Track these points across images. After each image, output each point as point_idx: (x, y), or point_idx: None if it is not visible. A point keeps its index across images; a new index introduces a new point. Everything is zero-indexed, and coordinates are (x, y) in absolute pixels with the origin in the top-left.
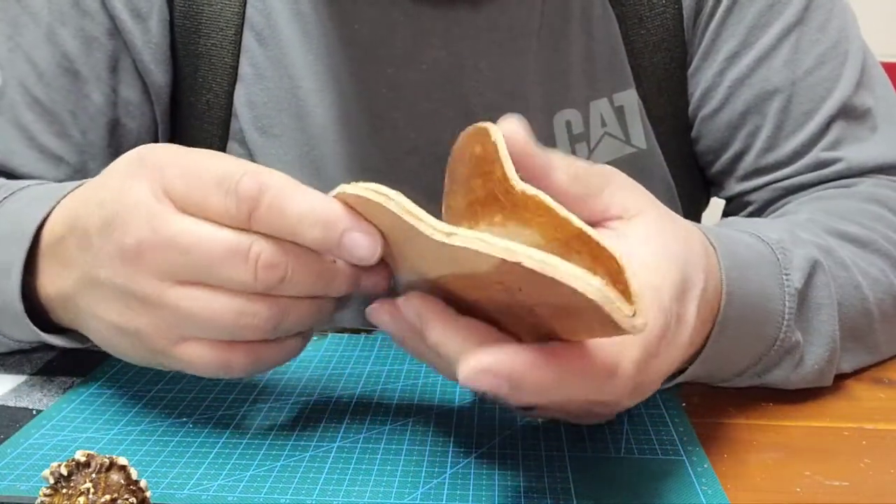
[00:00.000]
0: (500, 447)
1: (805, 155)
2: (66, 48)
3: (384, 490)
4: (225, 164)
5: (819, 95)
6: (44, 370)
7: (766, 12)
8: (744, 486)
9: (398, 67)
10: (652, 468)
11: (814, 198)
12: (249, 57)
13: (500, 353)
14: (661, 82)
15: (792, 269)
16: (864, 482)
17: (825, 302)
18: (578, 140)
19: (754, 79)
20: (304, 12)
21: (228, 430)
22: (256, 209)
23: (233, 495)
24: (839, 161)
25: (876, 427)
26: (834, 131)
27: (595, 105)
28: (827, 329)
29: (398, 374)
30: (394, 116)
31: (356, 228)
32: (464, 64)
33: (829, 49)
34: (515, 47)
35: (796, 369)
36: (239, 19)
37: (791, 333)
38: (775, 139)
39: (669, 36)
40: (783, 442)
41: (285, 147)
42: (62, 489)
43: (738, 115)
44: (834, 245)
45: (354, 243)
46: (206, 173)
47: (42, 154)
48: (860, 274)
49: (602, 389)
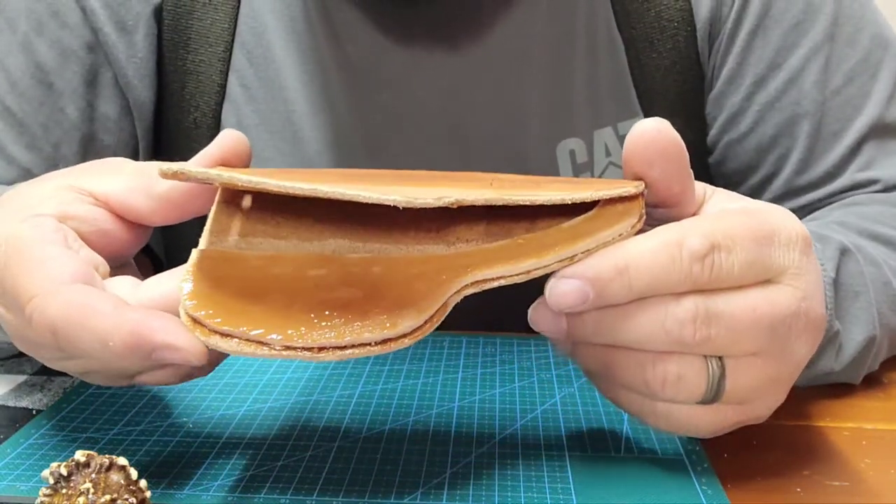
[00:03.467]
0: (500, 447)
1: (839, 176)
2: (41, 59)
3: (384, 490)
4: (27, 289)
5: (847, 115)
6: (44, 370)
7: (793, 32)
8: (744, 486)
9: (392, 94)
10: (652, 468)
11: (845, 203)
12: (239, 77)
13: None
14: (673, 106)
15: (825, 260)
16: (864, 482)
17: (861, 290)
18: (583, 170)
19: (784, 101)
20: (299, 31)
21: (228, 430)
22: (58, 347)
23: (233, 495)
24: (875, 182)
25: (876, 427)
26: (867, 151)
27: (599, 134)
28: (865, 316)
29: (398, 374)
30: (388, 143)
31: (161, 348)
32: (460, 93)
33: (858, 63)
34: (516, 78)
35: (837, 358)
36: (229, 36)
37: (833, 322)
38: (807, 162)
39: (682, 58)
40: (783, 442)
41: None
42: (62, 489)
43: (769, 139)
44: (864, 244)
45: (166, 360)
46: (14, 302)
47: (10, 165)
48: (891, 272)
49: (677, 269)
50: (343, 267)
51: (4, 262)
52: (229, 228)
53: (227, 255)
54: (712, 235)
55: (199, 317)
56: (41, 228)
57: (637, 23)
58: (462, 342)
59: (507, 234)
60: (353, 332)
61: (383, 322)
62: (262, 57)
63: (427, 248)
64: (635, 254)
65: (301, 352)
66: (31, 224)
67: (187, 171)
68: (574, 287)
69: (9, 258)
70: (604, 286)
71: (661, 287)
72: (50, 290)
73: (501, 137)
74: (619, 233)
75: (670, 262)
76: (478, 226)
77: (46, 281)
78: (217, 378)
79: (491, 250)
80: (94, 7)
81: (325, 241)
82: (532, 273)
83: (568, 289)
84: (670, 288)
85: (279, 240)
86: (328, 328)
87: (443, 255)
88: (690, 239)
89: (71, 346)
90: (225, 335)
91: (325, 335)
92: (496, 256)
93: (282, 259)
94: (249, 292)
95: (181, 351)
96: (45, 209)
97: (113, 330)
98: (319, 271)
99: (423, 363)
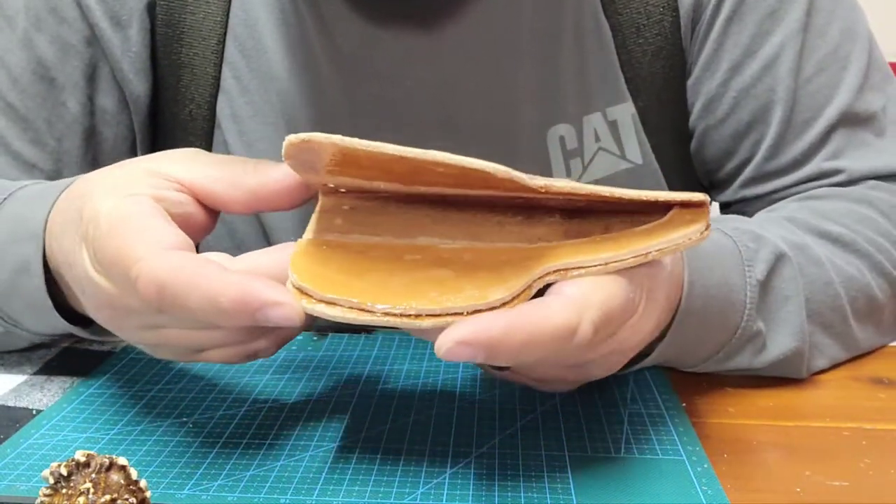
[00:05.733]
0: (500, 447)
1: (806, 164)
2: (42, 55)
3: (384, 490)
4: (131, 254)
5: (818, 103)
6: (44, 370)
7: (767, 20)
8: (744, 486)
9: (382, 84)
10: (652, 468)
11: (804, 196)
12: (233, 69)
13: (474, 324)
14: (660, 92)
15: (756, 262)
16: (864, 482)
17: (791, 294)
18: (573, 156)
19: (759, 88)
20: (289, 23)
21: (228, 430)
22: (160, 307)
23: (233, 495)
24: (840, 172)
25: (876, 427)
26: (836, 140)
27: (588, 120)
28: (794, 320)
29: (398, 374)
30: (380, 133)
31: (269, 305)
32: (449, 82)
33: (828, 55)
34: (504, 64)
35: (758, 356)
36: (221, 29)
37: (753, 322)
38: (777, 148)
39: (668, 44)
40: (783, 442)
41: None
42: (62, 489)
43: (744, 126)
44: (810, 242)
45: (269, 319)
46: (115, 268)
47: (16, 161)
48: (834, 271)
49: (565, 350)
50: (436, 253)
51: (107, 231)
52: (331, 227)
53: (329, 242)
54: (599, 323)
55: (305, 287)
56: (141, 204)
57: (623, 8)
58: None
59: (584, 237)
60: (448, 302)
61: (475, 295)
62: (253, 49)
63: (511, 245)
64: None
65: (401, 318)
66: (132, 200)
67: (313, 138)
68: (467, 352)
69: (112, 228)
70: (494, 356)
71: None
72: (157, 253)
73: (492, 125)
74: (688, 237)
75: (560, 346)
76: (558, 228)
77: (153, 245)
78: (217, 378)
79: (572, 244)
80: (90, 2)
81: (415, 239)
82: (610, 265)
83: (461, 352)
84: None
85: (375, 237)
86: (426, 299)
87: (527, 247)
88: (584, 327)
89: (177, 305)
90: (330, 303)
91: (423, 303)
92: (577, 249)
93: (379, 246)
94: (350, 270)
95: (284, 307)
96: (141, 189)
97: (222, 288)
98: (414, 256)
99: (423, 363)
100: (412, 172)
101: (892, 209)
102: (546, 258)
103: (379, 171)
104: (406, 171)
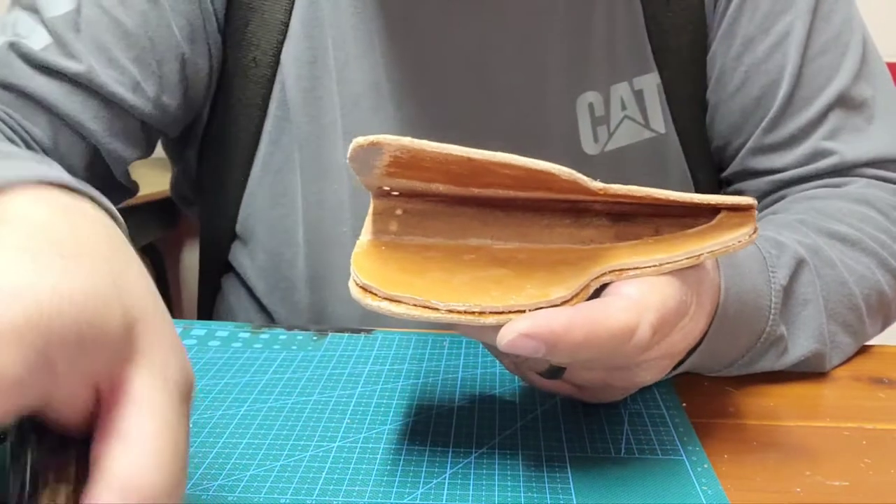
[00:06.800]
0: (500, 447)
1: (804, 140)
2: None
3: (384, 490)
4: None
5: (819, 84)
6: None
7: (781, 0)
8: (744, 486)
9: (424, 43)
10: (652, 468)
11: (807, 197)
12: (300, 15)
13: (537, 318)
14: (685, 65)
15: (778, 267)
16: (864, 482)
17: (811, 297)
18: (599, 123)
19: (770, 64)
20: None
21: (228, 430)
22: None
23: (233, 495)
24: (834, 154)
25: (876, 427)
26: (832, 120)
27: (615, 88)
28: (814, 323)
29: (398, 374)
30: (418, 91)
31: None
32: (488, 44)
33: (830, 39)
34: (539, 29)
35: (780, 359)
36: None
37: (776, 327)
38: (777, 121)
39: (694, 17)
40: (783, 442)
41: (323, 109)
42: None
43: (752, 101)
44: (822, 244)
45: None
46: None
47: (122, 75)
48: (847, 271)
49: (621, 350)
50: (491, 253)
51: None
52: (386, 230)
53: (386, 243)
54: (657, 325)
55: (368, 285)
56: None
57: None
58: (462, 342)
59: (635, 239)
60: (510, 300)
61: (535, 293)
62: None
63: (563, 246)
64: (595, 332)
65: (465, 315)
66: None
67: (381, 140)
68: (530, 344)
69: None
70: (554, 350)
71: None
72: None
73: (523, 90)
74: (738, 239)
75: (618, 346)
76: (607, 231)
77: None
78: (217, 378)
79: (625, 246)
80: None
81: (468, 240)
82: (664, 266)
83: (523, 344)
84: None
85: (428, 238)
86: (488, 297)
87: (580, 248)
88: (643, 328)
89: None
90: (394, 300)
91: (486, 301)
92: (631, 251)
93: (435, 247)
94: (411, 269)
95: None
96: None
97: None
98: (470, 256)
99: (423, 363)
100: (473, 174)
101: (889, 207)
102: (601, 259)
103: (439, 172)
104: (467, 171)
